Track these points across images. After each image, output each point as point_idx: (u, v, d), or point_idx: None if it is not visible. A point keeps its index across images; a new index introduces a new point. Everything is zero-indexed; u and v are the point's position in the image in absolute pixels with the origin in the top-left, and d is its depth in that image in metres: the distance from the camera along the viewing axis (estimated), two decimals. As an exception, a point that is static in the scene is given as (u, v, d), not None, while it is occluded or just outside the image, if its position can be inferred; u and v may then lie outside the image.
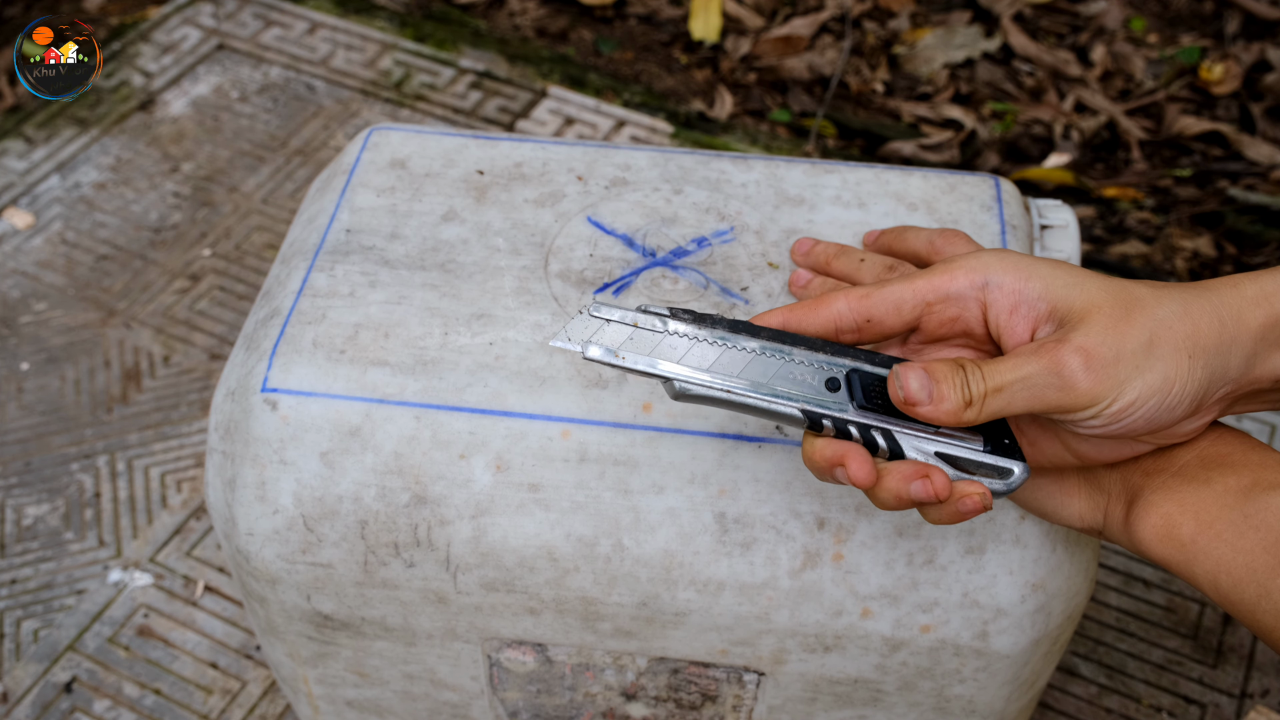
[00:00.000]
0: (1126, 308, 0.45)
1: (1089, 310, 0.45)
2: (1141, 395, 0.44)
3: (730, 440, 0.55)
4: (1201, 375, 0.45)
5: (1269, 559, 0.44)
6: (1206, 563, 0.45)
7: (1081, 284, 0.46)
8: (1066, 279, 0.46)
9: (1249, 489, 0.46)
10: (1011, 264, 0.47)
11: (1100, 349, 0.44)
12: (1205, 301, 0.45)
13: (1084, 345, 0.44)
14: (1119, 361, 0.44)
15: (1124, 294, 0.45)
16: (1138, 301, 0.45)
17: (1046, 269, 0.47)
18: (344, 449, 0.56)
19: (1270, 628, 0.44)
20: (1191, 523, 0.46)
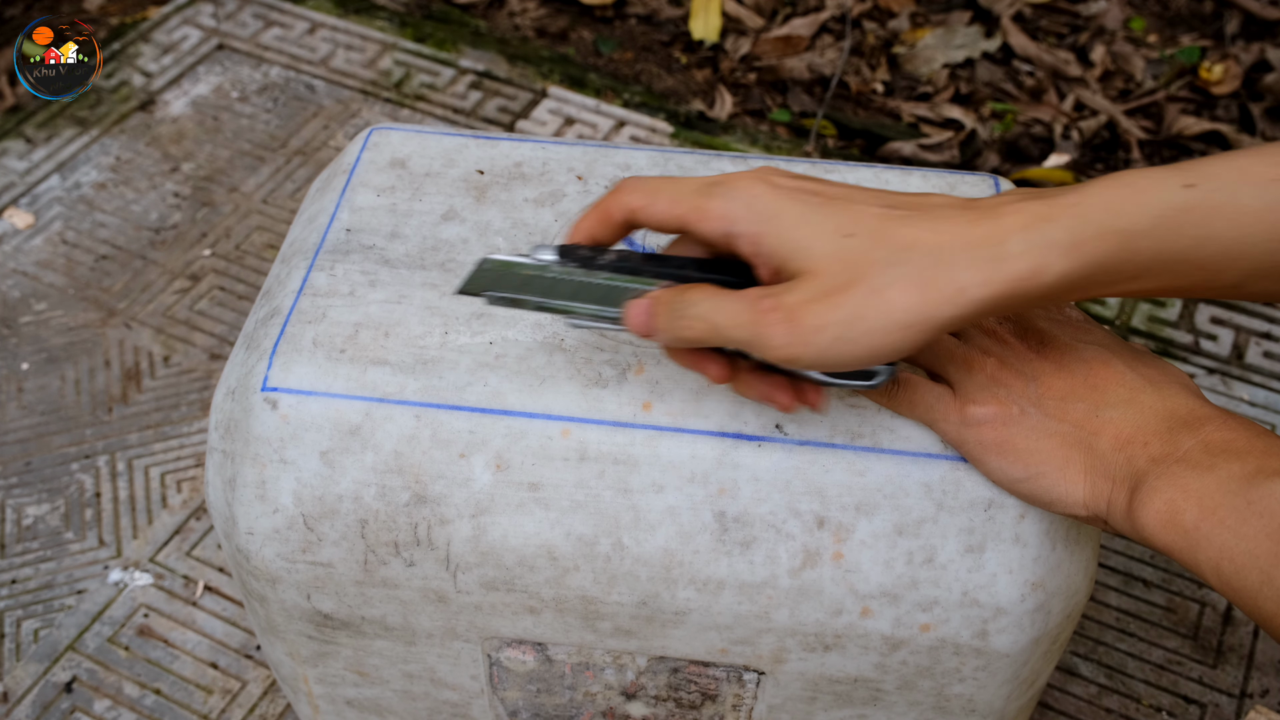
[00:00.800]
0: (851, 276, 0.45)
1: (810, 272, 0.46)
2: (844, 360, 0.46)
3: (730, 439, 0.55)
4: (917, 341, 0.46)
5: (1272, 546, 0.44)
6: (1209, 549, 0.46)
7: (814, 244, 0.46)
8: (801, 236, 0.46)
9: (1253, 475, 0.46)
10: (757, 213, 0.47)
11: (803, 314, 0.45)
12: (938, 272, 0.45)
13: (788, 303, 0.45)
14: (822, 330, 0.45)
15: (854, 260, 0.45)
16: (863, 274, 0.45)
17: (790, 222, 0.47)
18: (344, 448, 0.56)
19: (1271, 614, 0.44)
20: (1195, 509, 0.46)
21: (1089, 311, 1.14)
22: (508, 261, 0.51)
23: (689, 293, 0.48)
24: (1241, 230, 0.45)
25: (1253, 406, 1.07)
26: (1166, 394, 0.50)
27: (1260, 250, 0.45)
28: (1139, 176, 0.46)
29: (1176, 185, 0.45)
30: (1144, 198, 0.45)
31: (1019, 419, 0.51)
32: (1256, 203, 0.45)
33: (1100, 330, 0.55)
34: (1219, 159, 0.46)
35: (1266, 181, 0.45)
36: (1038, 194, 0.46)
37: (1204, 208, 0.45)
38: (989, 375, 0.52)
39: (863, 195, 0.48)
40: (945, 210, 0.46)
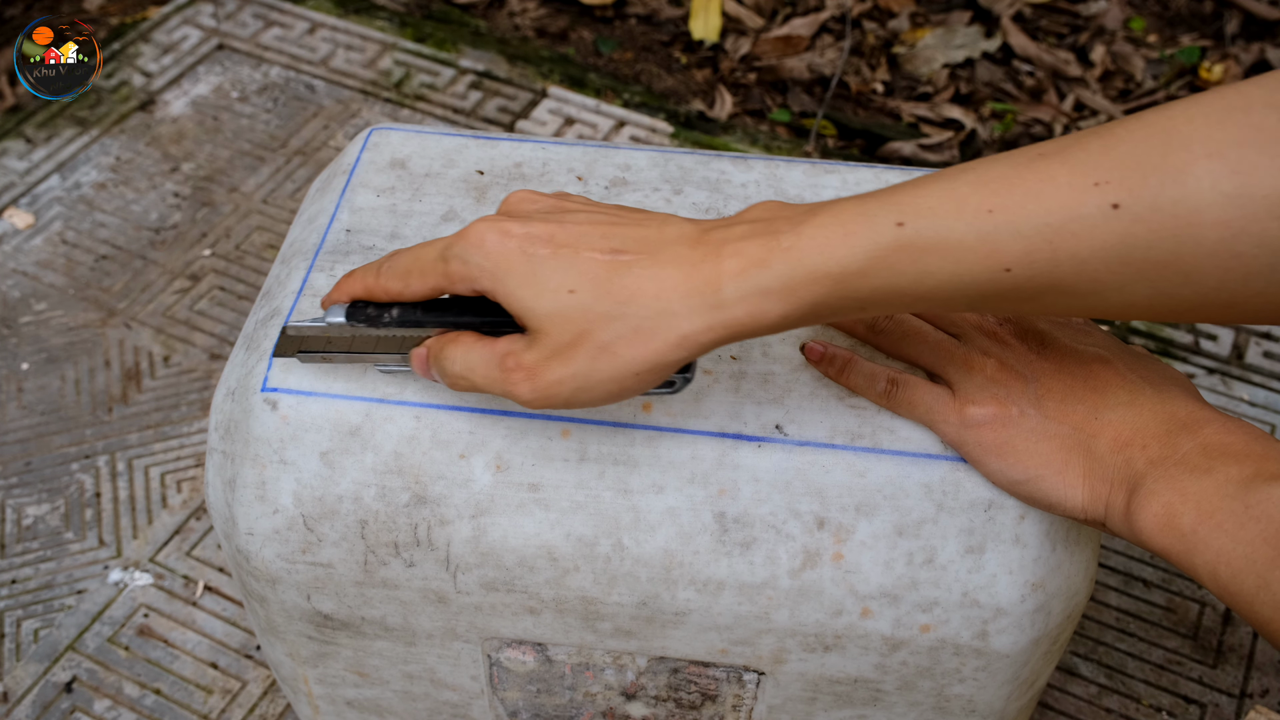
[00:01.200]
0: (577, 334, 0.46)
1: (541, 330, 0.47)
2: (593, 403, 0.48)
3: (730, 440, 0.55)
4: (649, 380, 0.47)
5: (1269, 550, 0.44)
6: (1206, 553, 0.46)
7: (539, 304, 0.47)
8: (528, 296, 0.47)
9: (1250, 479, 0.46)
10: (489, 271, 0.48)
11: (542, 372, 0.47)
12: (659, 323, 0.46)
13: (526, 363, 0.48)
14: (561, 384, 0.47)
15: (578, 318, 0.46)
16: (589, 331, 0.46)
17: (517, 280, 0.48)
18: (344, 449, 0.56)
19: (1268, 619, 0.44)
20: (1192, 513, 0.46)
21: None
22: (305, 326, 0.55)
23: (450, 346, 0.50)
24: (959, 265, 0.44)
25: (1253, 406, 1.07)
26: (1166, 396, 0.50)
27: (983, 280, 0.44)
28: (854, 214, 0.45)
29: (889, 223, 0.44)
30: (854, 240, 0.44)
31: (1018, 421, 0.51)
32: (970, 236, 0.43)
33: (1100, 332, 0.55)
34: (938, 186, 0.45)
35: (980, 213, 0.43)
36: (766, 228, 0.46)
37: (916, 246, 0.44)
38: (988, 376, 0.52)
39: (593, 238, 0.48)
40: (673, 250, 0.47)
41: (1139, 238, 0.42)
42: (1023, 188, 0.43)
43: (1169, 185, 0.41)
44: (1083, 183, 0.43)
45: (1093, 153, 0.43)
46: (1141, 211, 0.42)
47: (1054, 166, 0.43)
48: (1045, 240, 0.43)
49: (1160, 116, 0.43)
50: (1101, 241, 0.42)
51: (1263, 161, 0.41)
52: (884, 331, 0.56)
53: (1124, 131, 0.43)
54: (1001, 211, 0.43)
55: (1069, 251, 0.43)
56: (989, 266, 0.44)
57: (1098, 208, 0.42)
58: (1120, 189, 0.42)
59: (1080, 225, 0.42)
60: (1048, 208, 0.43)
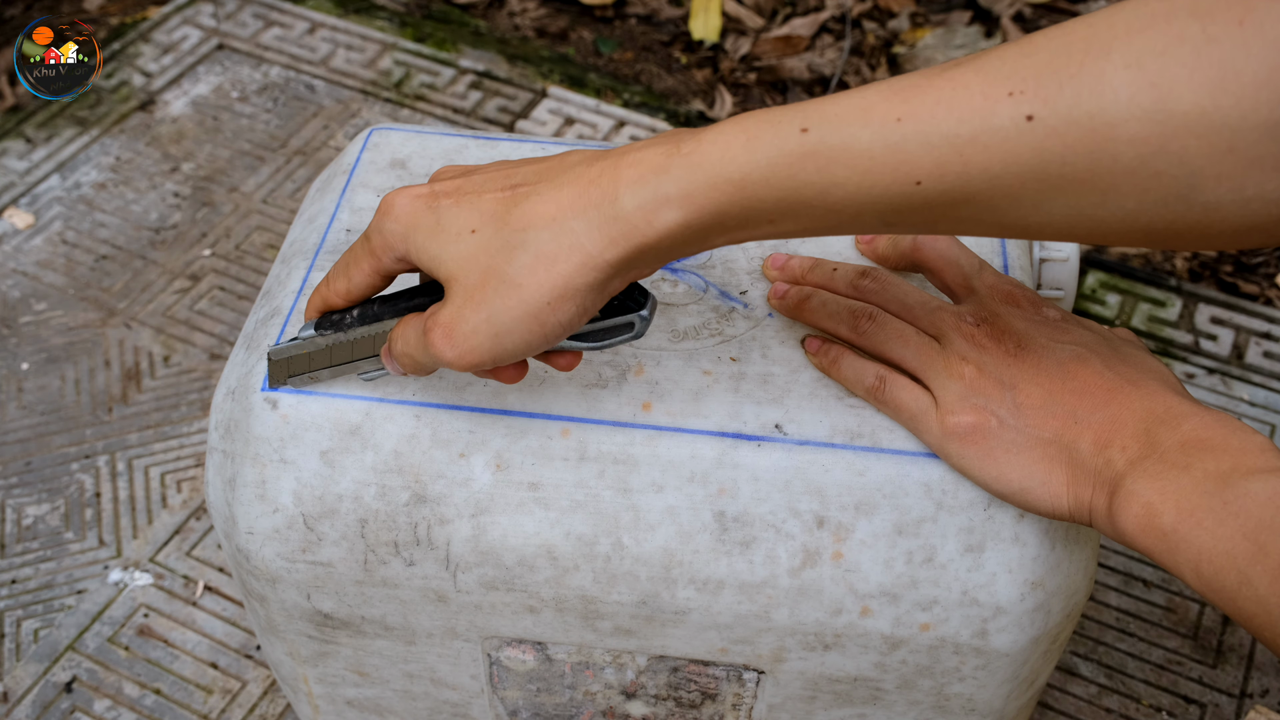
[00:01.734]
0: (482, 274, 0.45)
1: (451, 278, 0.46)
2: (520, 350, 0.46)
3: (730, 439, 0.55)
4: (575, 311, 0.46)
5: (1249, 546, 0.44)
6: (1188, 551, 0.45)
7: (445, 250, 0.46)
8: (435, 245, 0.47)
9: (1228, 475, 0.45)
10: (400, 234, 0.48)
11: (456, 324, 0.46)
12: (559, 245, 0.44)
13: (442, 320, 0.46)
14: (477, 332, 0.46)
15: (480, 257, 0.45)
16: (492, 267, 0.45)
17: (425, 233, 0.47)
18: (344, 448, 0.56)
19: (1251, 615, 0.44)
20: (1172, 511, 0.46)
21: (1085, 311, 1.14)
22: (285, 346, 0.55)
23: (394, 331, 0.50)
24: (866, 176, 0.42)
25: (1253, 406, 1.07)
26: (1145, 392, 0.50)
27: (894, 193, 0.42)
28: (759, 121, 0.43)
29: (793, 129, 0.42)
30: (757, 144, 0.42)
31: (998, 432, 0.51)
32: (877, 145, 0.41)
33: (1079, 329, 0.54)
34: (848, 95, 0.43)
35: (889, 122, 0.41)
36: (670, 137, 0.45)
37: (821, 154, 0.42)
38: (967, 384, 0.52)
39: (495, 178, 0.47)
40: (573, 171, 0.45)
41: (1054, 152, 0.40)
42: (934, 95, 0.41)
43: (1085, 97, 0.40)
44: (997, 92, 0.41)
45: (1009, 60, 0.41)
46: (1057, 124, 0.40)
47: (968, 75, 0.41)
48: (956, 152, 0.41)
49: (1082, 23, 0.41)
50: (1015, 155, 0.41)
51: (1182, 74, 0.39)
52: (866, 333, 0.56)
53: (1043, 39, 0.41)
54: (910, 120, 0.41)
55: (981, 165, 0.41)
56: (898, 178, 0.42)
57: (1011, 119, 0.40)
58: (1035, 100, 0.40)
59: (992, 137, 0.41)
60: (959, 117, 0.41)
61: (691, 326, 0.60)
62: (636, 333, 0.49)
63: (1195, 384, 1.08)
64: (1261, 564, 0.43)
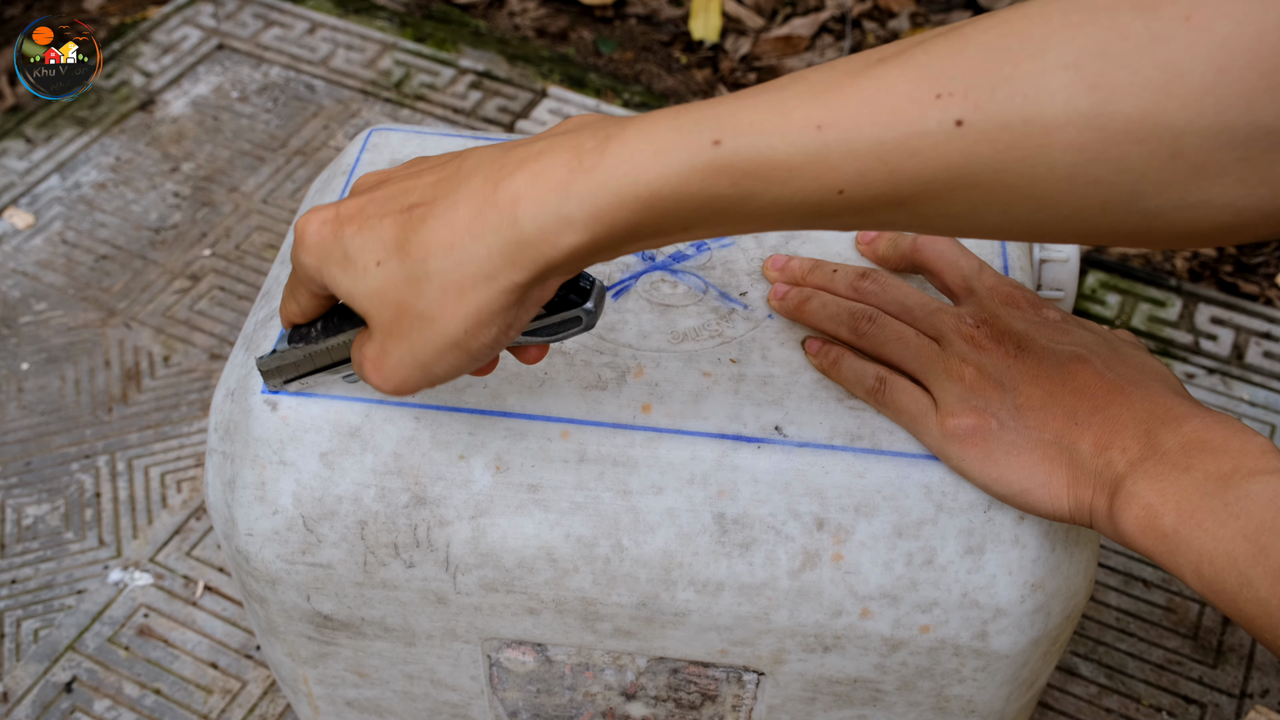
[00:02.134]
0: (395, 310, 0.44)
1: (367, 314, 0.45)
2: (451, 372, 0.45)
3: (729, 441, 0.55)
4: (495, 333, 0.44)
5: (1249, 547, 0.43)
6: (1188, 553, 0.45)
7: (355, 286, 0.45)
8: (346, 281, 0.45)
9: (1229, 476, 0.45)
10: (316, 266, 0.46)
11: (382, 359, 0.45)
12: (464, 274, 0.43)
13: (369, 355, 0.46)
14: (403, 365, 0.45)
15: (389, 292, 0.44)
16: (403, 303, 0.44)
17: (335, 267, 0.45)
18: (344, 449, 0.56)
19: (1252, 616, 0.44)
20: (1172, 513, 0.46)
21: (1085, 311, 1.14)
22: (269, 358, 0.55)
23: (355, 349, 0.49)
24: (785, 187, 0.39)
25: (1253, 406, 1.07)
26: (1146, 393, 0.50)
27: (815, 201, 0.39)
28: (668, 128, 0.39)
29: (705, 141, 0.39)
30: (665, 160, 0.39)
31: (998, 433, 0.51)
32: (796, 156, 0.38)
33: (1079, 330, 0.54)
34: (764, 95, 0.40)
35: (808, 129, 0.38)
36: (570, 140, 0.41)
37: (736, 167, 0.39)
38: (967, 385, 0.52)
39: (395, 196, 0.45)
40: (468, 186, 0.42)
41: (986, 159, 0.37)
42: (857, 99, 0.38)
43: (1019, 101, 0.37)
44: (924, 94, 0.38)
45: (936, 57, 0.38)
46: (988, 129, 0.37)
47: (893, 74, 0.38)
48: (880, 160, 0.38)
49: (1015, 14, 0.38)
50: (945, 162, 0.38)
51: (1124, 76, 0.36)
52: (866, 335, 0.56)
53: (974, 31, 0.38)
54: (831, 128, 0.38)
55: (909, 172, 0.38)
56: (820, 187, 0.39)
57: (939, 124, 0.37)
58: (965, 103, 0.37)
59: (920, 143, 0.38)
60: (884, 123, 0.38)
61: (691, 328, 0.60)
62: (585, 325, 0.48)
63: (1195, 384, 1.08)
64: (1262, 565, 0.43)
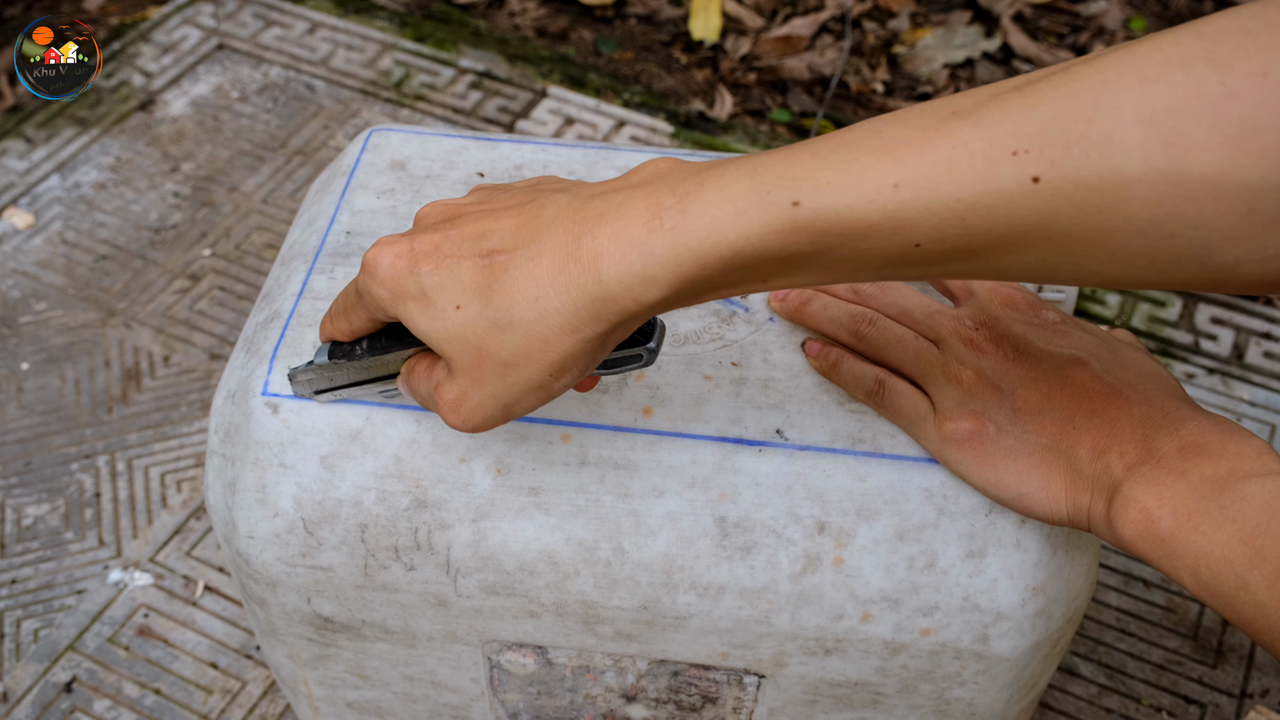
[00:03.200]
0: (475, 356, 0.45)
1: (446, 357, 0.46)
2: (525, 411, 0.46)
3: (730, 444, 0.55)
4: (568, 379, 0.45)
5: (1245, 550, 0.43)
6: (1185, 557, 0.45)
7: (434, 329, 0.46)
8: (424, 322, 0.46)
9: (1225, 479, 0.45)
10: (389, 302, 0.47)
11: (462, 401, 0.46)
12: (548, 326, 0.44)
13: (448, 397, 0.47)
14: (482, 407, 0.46)
15: (470, 338, 0.45)
16: (484, 350, 0.44)
17: (414, 306, 0.46)
18: (344, 452, 0.56)
19: (1250, 619, 0.44)
20: (1169, 517, 0.46)
21: (1085, 310, 1.14)
22: (304, 370, 0.55)
23: (410, 376, 0.50)
24: (861, 241, 0.40)
25: (1253, 406, 1.07)
26: (1143, 397, 0.50)
27: (891, 254, 0.40)
28: (746, 189, 0.41)
29: (784, 202, 0.40)
30: (746, 221, 0.40)
31: (996, 437, 0.51)
32: (874, 215, 0.39)
33: (1078, 332, 0.54)
34: (839, 155, 0.40)
35: (884, 188, 0.39)
36: (648, 194, 0.42)
37: (815, 226, 0.40)
38: (966, 389, 0.52)
39: (472, 241, 0.45)
40: (548, 238, 0.43)
41: (1061, 214, 0.38)
42: (932, 156, 0.39)
43: (1095, 157, 0.37)
44: (1000, 152, 0.38)
45: (1011, 113, 0.38)
46: (1064, 186, 0.37)
47: (968, 131, 0.39)
48: (957, 216, 0.39)
49: (1089, 70, 0.38)
50: (1020, 217, 0.38)
51: (1199, 133, 0.36)
52: (866, 338, 0.56)
53: (1048, 87, 0.39)
54: (908, 186, 0.39)
55: (983, 227, 0.39)
56: (895, 242, 0.40)
57: (1015, 180, 0.38)
58: (1041, 160, 0.38)
59: (996, 200, 0.38)
60: (960, 181, 0.38)
61: (692, 331, 0.60)
62: (645, 362, 0.49)
63: (1195, 384, 1.08)
64: (1259, 568, 0.43)
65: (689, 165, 0.44)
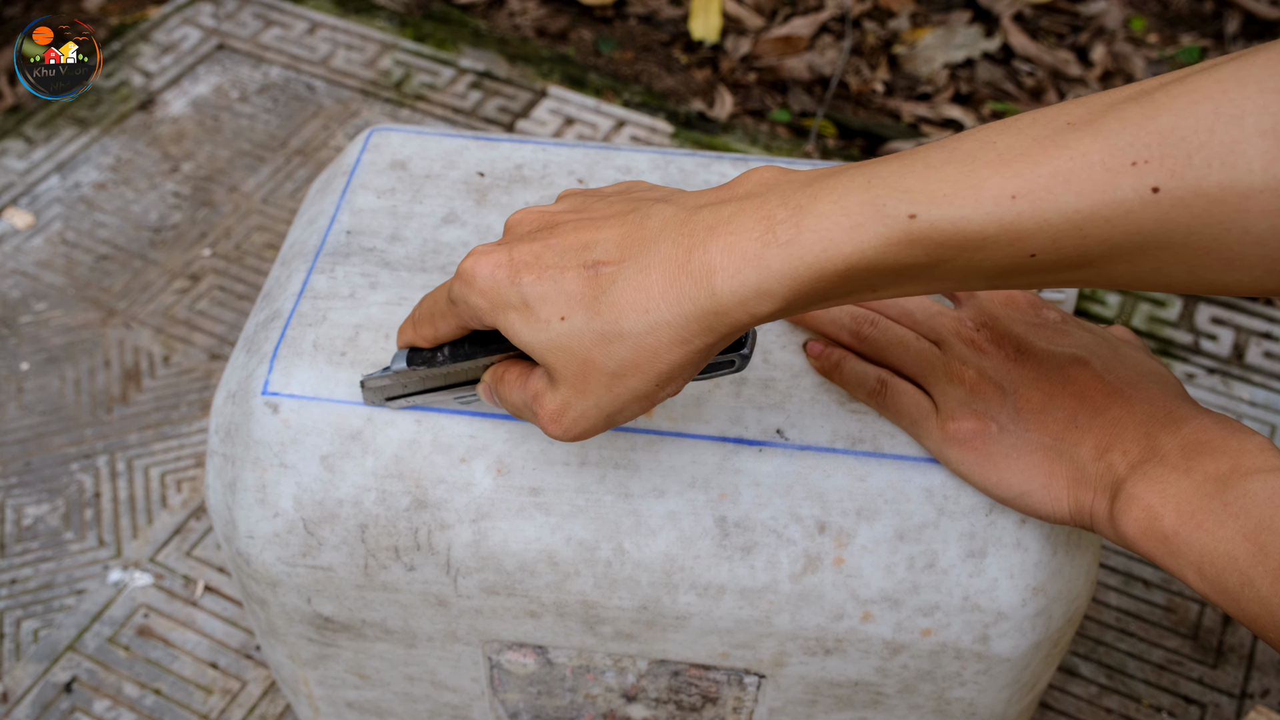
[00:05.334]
0: (581, 367, 0.45)
1: (549, 367, 0.46)
2: (629, 419, 0.47)
3: (731, 444, 0.55)
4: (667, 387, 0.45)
5: (1250, 546, 0.43)
6: (1189, 554, 0.45)
7: (536, 339, 0.45)
8: (526, 332, 0.46)
9: (1228, 476, 0.45)
10: (487, 309, 0.47)
11: (565, 411, 0.46)
12: (658, 338, 0.44)
13: (549, 407, 0.47)
14: (585, 417, 0.46)
15: (576, 349, 0.44)
16: (590, 360, 0.44)
17: (515, 315, 0.46)
18: (345, 452, 0.56)
19: (1255, 616, 0.44)
20: (1173, 515, 0.46)
21: (1086, 310, 1.14)
22: (380, 377, 0.55)
23: (499, 384, 0.50)
24: (977, 252, 0.40)
25: (1253, 406, 1.07)
26: (1145, 396, 0.50)
27: (1005, 265, 0.40)
28: (860, 203, 0.41)
29: (900, 215, 0.40)
30: (861, 234, 0.40)
31: (998, 437, 0.51)
32: (991, 226, 0.39)
33: (1078, 331, 0.54)
34: (954, 167, 0.40)
35: (1002, 200, 0.39)
36: (759, 206, 0.42)
37: (931, 238, 0.40)
38: (968, 388, 0.52)
39: (575, 251, 0.45)
40: (656, 250, 0.43)
41: (1180, 224, 0.38)
42: (1050, 167, 0.39)
43: (1216, 167, 0.37)
44: (1118, 162, 0.38)
45: (1129, 124, 0.38)
46: (1184, 196, 0.37)
47: (1086, 142, 0.39)
48: (1074, 227, 0.39)
49: (1208, 80, 0.38)
50: (1138, 227, 0.38)
51: None
52: (868, 339, 0.56)
53: (1165, 97, 0.38)
54: (1026, 198, 0.39)
55: (1100, 237, 0.39)
56: (1012, 254, 0.40)
57: (1135, 191, 0.38)
58: (1160, 170, 0.37)
59: (1115, 211, 0.38)
60: (1078, 191, 0.38)
61: (692, 330, 0.60)
62: (737, 368, 0.49)
63: (1195, 384, 1.08)
64: (1263, 564, 0.43)
65: (796, 175, 0.44)
